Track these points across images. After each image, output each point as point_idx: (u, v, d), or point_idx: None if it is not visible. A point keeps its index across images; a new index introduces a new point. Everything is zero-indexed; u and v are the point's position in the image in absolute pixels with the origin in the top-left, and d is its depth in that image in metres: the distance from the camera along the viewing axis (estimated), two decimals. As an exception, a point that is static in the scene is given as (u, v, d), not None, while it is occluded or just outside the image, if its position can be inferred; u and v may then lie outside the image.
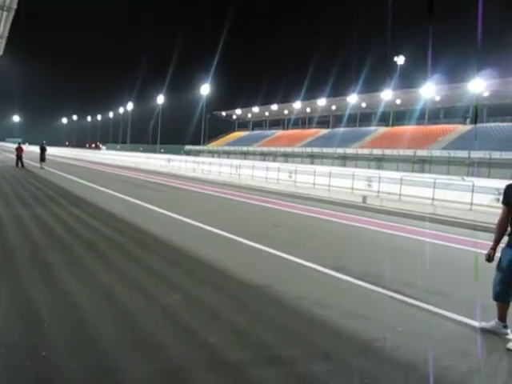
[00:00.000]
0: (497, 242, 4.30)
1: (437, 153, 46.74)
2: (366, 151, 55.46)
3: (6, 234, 7.76)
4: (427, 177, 22.54)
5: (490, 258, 4.30)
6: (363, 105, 68.63)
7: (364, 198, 18.75)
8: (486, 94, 50.82)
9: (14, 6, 21.65)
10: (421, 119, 60.59)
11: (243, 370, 3.35)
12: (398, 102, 62.94)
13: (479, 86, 47.26)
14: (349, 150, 58.00)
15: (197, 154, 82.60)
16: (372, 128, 67.06)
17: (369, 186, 21.54)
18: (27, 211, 10.32)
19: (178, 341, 3.78)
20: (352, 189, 20.76)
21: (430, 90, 53.44)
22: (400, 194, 18.29)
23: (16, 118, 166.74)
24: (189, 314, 4.40)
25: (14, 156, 30.02)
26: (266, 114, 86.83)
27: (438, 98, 57.65)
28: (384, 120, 67.74)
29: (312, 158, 62.66)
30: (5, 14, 22.57)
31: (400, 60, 63.61)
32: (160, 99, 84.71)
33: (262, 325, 4.25)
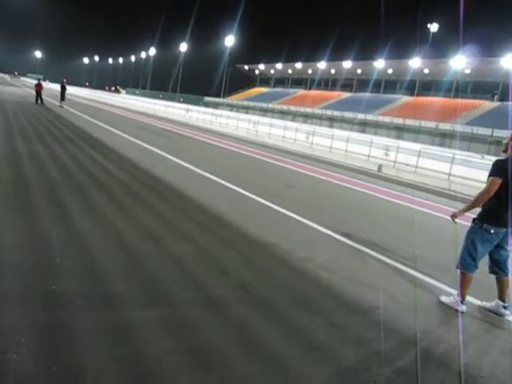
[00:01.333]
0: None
1: (459, 128, 45.72)
2: (386, 119, 54.43)
3: (23, 169, 7.89)
4: (446, 151, 22.17)
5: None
6: (389, 71, 66.74)
7: (380, 166, 18.61)
8: (519, 70, 49.01)
9: None
10: (447, 91, 58.94)
11: (244, 324, 3.46)
12: (426, 71, 61.09)
13: (513, 61, 45.53)
14: (370, 117, 56.98)
15: (216, 106, 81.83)
16: (396, 96, 65.50)
17: (386, 154, 21.30)
18: (44, 148, 10.44)
19: (182, 289, 3.88)
20: (369, 156, 20.59)
21: (460, 62, 51.66)
22: (416, 166, 18.10)
23: (38, 54, 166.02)
24: (196, 265, 4.50)
25: (33, 92, 30.02)
26: (290, 71, 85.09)
27: (467, 71, 55.77)
28: (409, 89, 65.99)
29: (331, 121, 61.77)
30: None
31: (433, 27, 61.13)
32: (183, 47, 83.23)
33: (266, 281, 4.35)
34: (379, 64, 63.19)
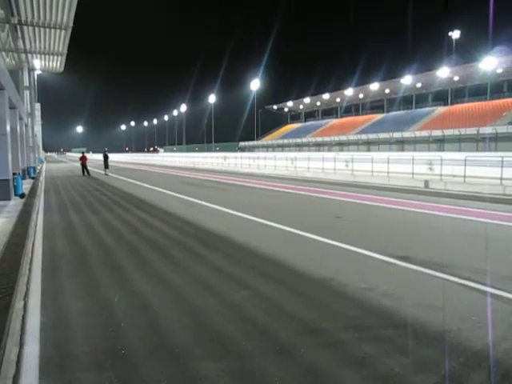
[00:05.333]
0: None
1: (502, 129, 44.21)
2: (424, 133, 53.46)
3: (79, 239, 8.24)
4: (494, 155, 21.37)
5: None
6: (418, 85, 66.12)
7: (426, 182, 18.13)
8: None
9: (71, 24, 22.90)
10: (482, 95, 57.51)
11: (316, 370, 3.37)
12: (456, 78, 60.08)
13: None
14: (406, 134, 56.19)
15: (251, 149, 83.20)
16: (429, 109, 64.51)
17: (430, 169, 20.78)
18: (96, 217, 10.88)
19: (247, 338, 3.84)
20: (413, 174, 20.11)
21: (491, 63, 50.50)
22: (465, 176, 17.49)
23: (79, 129, 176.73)
24: (256, 311, 4.46)
25: (79, 165, 31.65)
26: (318, 103, 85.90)
27: (500, 71, 54.43)
28: (442, 99, 64.92)
29: (368, 144, 61.31)
30: (63, 32, 23.89)
31: (455, 34, 60.58)
32: (212, 98, 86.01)
33: (329, 319, 4.24)
34: (407, 80, 62.74)
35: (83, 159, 30.58)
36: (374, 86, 68.19)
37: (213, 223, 9.62)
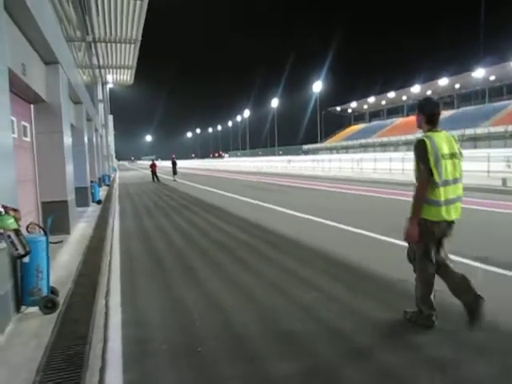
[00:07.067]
0: None
1: None
2: (500, 129, 50.35)
3: (152, 241, 8.60)
4: None
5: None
6: (492, 78, 62.44)
7: (504, 180, 17.07)
8: None
9: (139, 38, 24.07)
10: None
11: (393, 374, 3.29)
12: (535, 69, 56.08)
13: None
14: (479, 130, 53.23)
15: (315, 152, 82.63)
16: (505, 102, 60.68)
17: (508, 167, 19.57)
18: (167, 220, 11.30)
19: (318, 339, 3.82)
20: (488, 171, 19.05)
21: None
22: (548, 173, 16.30)
23: (148, 138, 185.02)
24: (329, 312, 4.43)
25: (149, 172, 33.12)
26: (383, 102, 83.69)
27: None
28: (518, 92, 60.88)
29: (438, 142, 58.65)
30: (132, 46, 25.14)
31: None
32: (274, 103, 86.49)
33: (406, 323, 4.12)
34: (479, 73, 59.45)
35: (153, 166, 32.00)
36: (443, 82, 65.33)
37: (280, 226, 9.66)
